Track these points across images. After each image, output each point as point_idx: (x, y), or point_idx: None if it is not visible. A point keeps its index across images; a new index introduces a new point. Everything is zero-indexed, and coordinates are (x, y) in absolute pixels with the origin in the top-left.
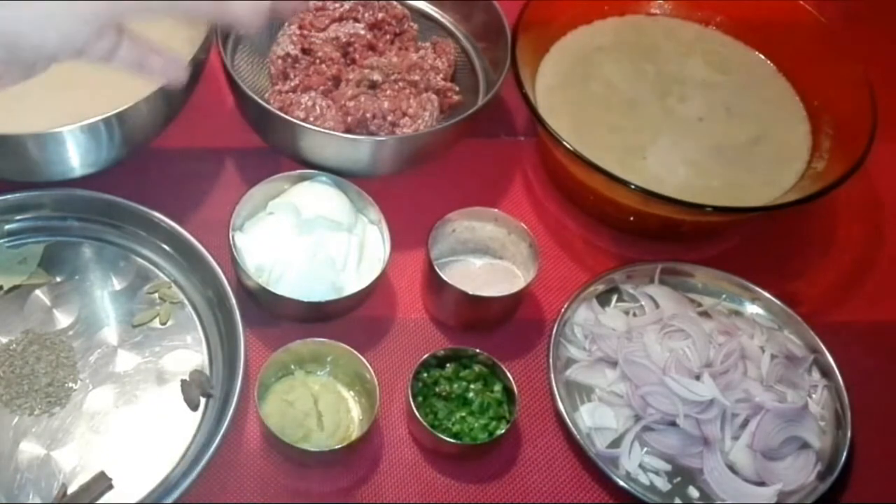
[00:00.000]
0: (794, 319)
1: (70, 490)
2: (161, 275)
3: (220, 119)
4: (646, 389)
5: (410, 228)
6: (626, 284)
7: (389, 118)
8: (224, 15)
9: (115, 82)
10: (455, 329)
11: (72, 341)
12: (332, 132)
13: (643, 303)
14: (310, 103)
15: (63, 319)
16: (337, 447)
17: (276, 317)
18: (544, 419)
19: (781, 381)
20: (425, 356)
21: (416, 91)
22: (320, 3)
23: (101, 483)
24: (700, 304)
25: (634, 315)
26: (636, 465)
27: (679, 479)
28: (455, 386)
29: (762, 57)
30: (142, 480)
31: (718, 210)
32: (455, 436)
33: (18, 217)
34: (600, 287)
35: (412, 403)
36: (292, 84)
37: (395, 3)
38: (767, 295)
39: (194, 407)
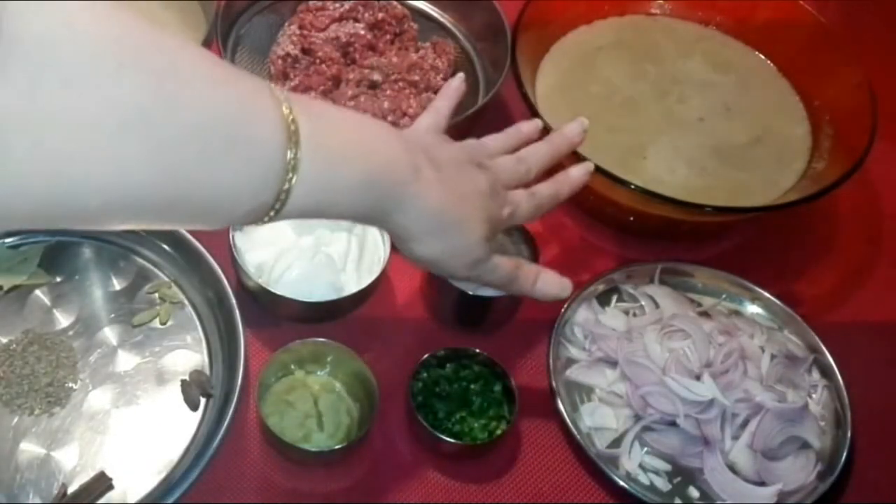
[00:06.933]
0: (794, 319)
1: (70, 490)
2: (161, 275)
3: None
4: (646, 389)
5: None
6: (626, 284)
7: (390, 118)
8: None
9: None
10: (455, 329)
11: (72, 341)
12: None
13: (643, 303)
14: None
15: (63, 319)
16: (337, 447)
17: (276, 317)
18: (544, 419)
19: (781, 381)
20: (425, 356)
21: (417, 91)
22: (320, 3)
23: (102, 483)
24: (700, 304)
25: (634, 315)
26: (636, 465)
27: (679, 479)
28: (455, 386)
29: (762, 57)
30: (142, 480)
31: (718, 210)
32: (455, 436)
33: None
34: (600, 287)
35: (412, 403)
36: (292, 84)
37: (395, 3)
38: (767, 295)
39: (194, 407)
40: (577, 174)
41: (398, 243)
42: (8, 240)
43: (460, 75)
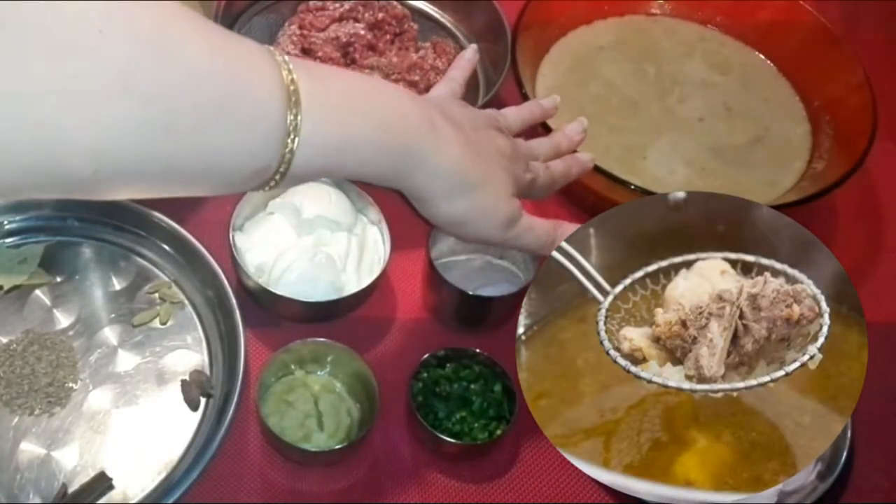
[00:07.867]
0: None
1: (70, 490)
2: (161, 275)
3: None
4: None
5: (410, 228)
6: None
7: None
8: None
9: None
10: (455, 329)
11: (72, 341)
12: None
13: None
14: None
15: (63, 319)
16: (337, 447)
17: (276, 317)
18: None
19: None
20: (425, 356)
21: (417, 91)
22: (320, 3)
23: (102, 483)
24: None
25: None
26: None
27: None
28: (455, 386)
29: (762, 57)
30: (142, 480)
31: None
32: (455, 436)
33: (18, 217)
34: None
35: (412, 403)
36: None
37: (395, 3)
38: None
39: (194, 407)
40: (585, 158)
41: (421, 206)
42: (8, 240)
43: (473, 46)
